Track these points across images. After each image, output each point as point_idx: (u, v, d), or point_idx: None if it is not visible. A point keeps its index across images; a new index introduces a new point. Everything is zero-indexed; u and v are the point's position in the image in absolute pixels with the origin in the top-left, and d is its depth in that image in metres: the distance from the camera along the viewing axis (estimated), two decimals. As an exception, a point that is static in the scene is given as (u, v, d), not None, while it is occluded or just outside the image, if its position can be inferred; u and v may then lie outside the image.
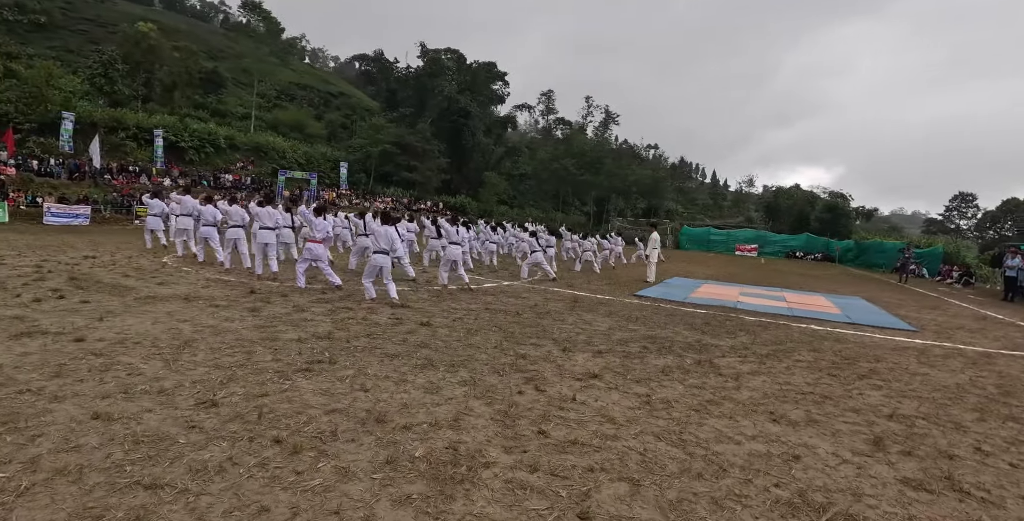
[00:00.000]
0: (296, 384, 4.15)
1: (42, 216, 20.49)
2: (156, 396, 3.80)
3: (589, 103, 64.36)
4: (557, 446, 3.22)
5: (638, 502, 2.63)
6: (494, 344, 5.77)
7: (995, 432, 4.12)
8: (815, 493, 2.90)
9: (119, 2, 59.62)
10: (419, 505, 2.47)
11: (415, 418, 3.55)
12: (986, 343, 8.22)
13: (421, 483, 2.67)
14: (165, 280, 9.01)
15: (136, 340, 5.20)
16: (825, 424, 4.04)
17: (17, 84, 27.80)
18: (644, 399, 4.27)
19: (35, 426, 3.16)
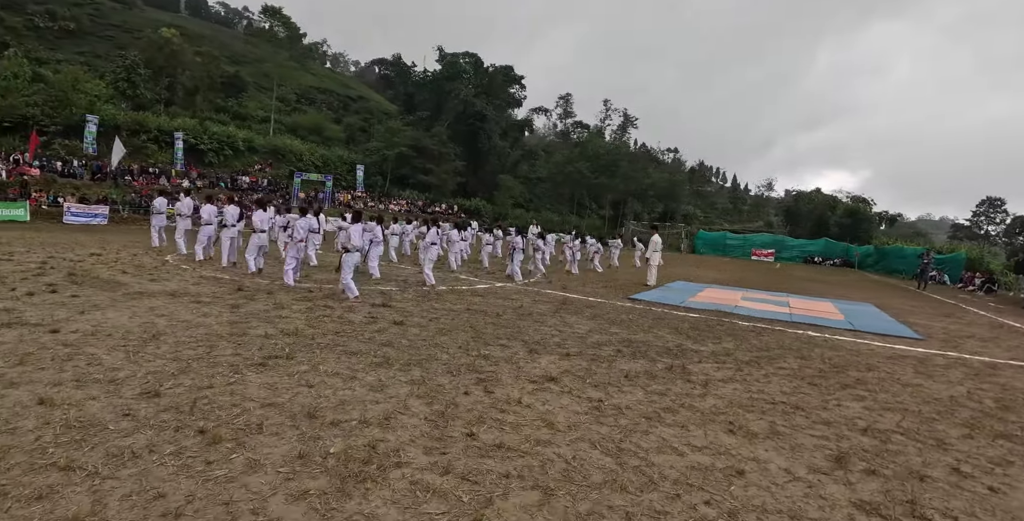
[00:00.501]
0: (245, 378, 4.20)
1: (62, 215, 21.18)
2: (105, 385, 3.89)
3: (607, 106, 64.24)
4: (481, 449, 3.17)
5: (543, 513, 2.52)
6: (460, 344, 5.76)
7: (981, 451, 3.83)
8: (748, 513, 2.68)
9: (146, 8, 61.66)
10: (313, 501, 2.47)
11: (348, 415, 3.56)
12: (996, 353, 7.91)
13: (324, 479, 2.68)
14: (159, 277, 9.22)
15: (108, 333, 5.33)
16: (788, 437, 3.83)
17: (44, 88, 28.86)
18: (595, 405, 4.17)
19: (-25, 410, 3.25)
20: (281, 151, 44.58)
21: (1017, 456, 3.78)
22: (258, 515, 2.34)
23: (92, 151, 28.85)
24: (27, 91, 27.91)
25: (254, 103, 52.27)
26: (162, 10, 64.68)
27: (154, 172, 32.10)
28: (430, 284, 10.12)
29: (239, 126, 44.74)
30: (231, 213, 10.72)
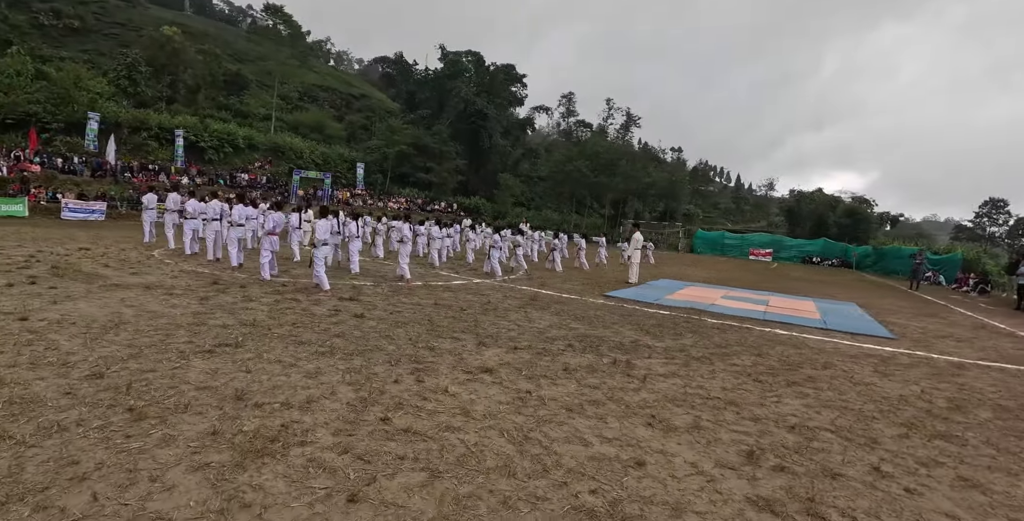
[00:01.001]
0: (189, 363, 4.44)
1: (60, 212, 21.60)
2: (57, 367, 4.14)
3: (610, 105, 64.35)
4: (388, 433, 3.34)
5: (423, 493, 2.65)
6: (412, 337, 5.98)
7: (911, 451, 3.80)
8: (631, 504, 2.72)
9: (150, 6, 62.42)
10: (209, 472, 2.69)
11: (274, 398, 3.78)
12: (967, 353, 7.94)
13: (227, 454, 2.90)
14: (141, 271, 9.51)
15: (73, 321, 5.59)
16: (708, 431, 3.86)
17: (47, 86, 29.38)
18: (521, 396, 4.30)
19: (-79, 388, 3.51)
20: (281, 149, 45.00)
21: (949, 457, 3.75)
22: (155, 482, 2.56)
23: (93, 148, 29.34)
24: (30, 88, 28.46)
25: (256, 101, 52.75)
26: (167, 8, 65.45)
27: (154, 169, 32.53)
28: (406, 279, 10.35)
29: (240, 124, 45.17)
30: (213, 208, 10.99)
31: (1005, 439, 4.22)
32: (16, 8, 43.72)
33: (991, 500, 3.14)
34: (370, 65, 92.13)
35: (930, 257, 26.83)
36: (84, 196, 23.66)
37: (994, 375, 6.61)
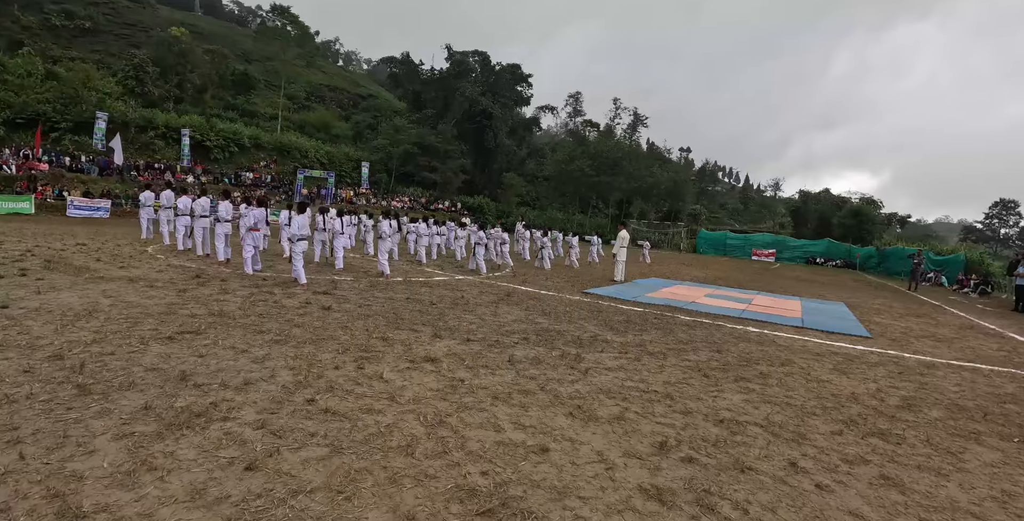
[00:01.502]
0: (147, 348, 4.76)
1: (66, 209, 22.21)
2: (23, 350, 4.46)
3: (617, 105, 64.36)
4: (308, 413, 3.58)
5: (319, 465, 2.86)
6: (370, 328, 6.25)
7: (840, 448, 3.79)
8: (518, 486, 2.81)
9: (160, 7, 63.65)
10: (131, 440, 2.99)
11: (215, 380, 4.07)
12: (943, 353, 7.95)
13: (153, 425, 3.19)
14: (129, 265, 9.89)
15: (51, 310, 5.94)
16: (631, 423, 3.91)
17: (56, 86, 30.17)
18: (454, 384, 4.48)
19: None
20: (287, 148, 45.65)
21: (878, 455, 3.73)
22: (80, 447, 2.86)
23: (101, 147, 30.06)
24: (39, 89, 29.27)
25: (263, 101, 53.55)
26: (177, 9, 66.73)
27: (160, 167, 33.20)
28: (385, 275, 10.64)
29: (247, 123, 45.90)
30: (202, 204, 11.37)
31: (948, 439, 4.20)
32: (29, 9, 44.89)
33: (907, 500, 3.11)
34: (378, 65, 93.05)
35: (932, 258, 26.63)
36: (90, 194, 24.27)
37: (964, 375, 6.56)
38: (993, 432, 4.45)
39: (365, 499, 2.54)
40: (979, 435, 4.35)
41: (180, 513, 2.32)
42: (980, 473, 3.59)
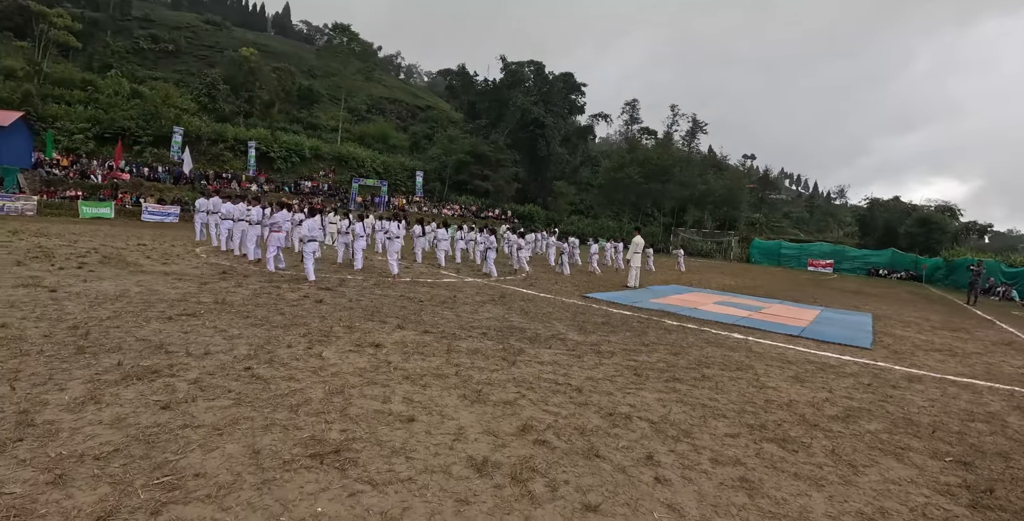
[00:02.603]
0: (148, 325, 5.83)
1: (141, 214, 25.01)
2: (52, 321, 5.63)
3: (675, 112, 63.56)
4: (238, 376, 4.38)
5: (217, 411, 3.58)
6: (344, 319, 7.11)
7: (719, 449, 3.82)
8: (362, 443, 3.30)
9: (235, 29, 69.81)
10: (94, 384, 3.93)
11: (183, 349, 5.02)
12: (945, 368, 7.62)
13: (116, 376, 4.15)
14: (171, 262, 11.39)
15: (87, 294, 7.22)
16: (515, 408, 4.22)
17: (140, 103, 34.00)
18: (379, 365, 5.05)
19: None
20: (345, 158, 48.54)
21: (760, 459, 3.72)
22: (56, 386, 3.84)
23: (177, 158, 33.50)
24: (125, 106, 33.18)
25: (326, 114, 57.26)
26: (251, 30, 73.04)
27: (227, 177, 36.37)
28: (393, 275, 11.58)
29: (309, 135, 49.31)
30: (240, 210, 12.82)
31: (863, 452, 4.06)
32: (120, 35, 50.85)
33: (749, 503, 3.08)
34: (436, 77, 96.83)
35: (1003, 270, 24.70)
36: (163, 201, 27.15)
37: (950, 390, 6.29)
38: (928, 449, 4.25)
39: (233, 436, 3.29)
40: (907, 451, 4.16)
41: (99, 430, 3.19)
42: (869, 488, 3.44)
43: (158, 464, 2.84)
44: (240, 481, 2.75)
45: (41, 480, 2.59)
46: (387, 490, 2.79)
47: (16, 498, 2.43)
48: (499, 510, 2.69)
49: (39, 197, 23.62)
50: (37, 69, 36.21)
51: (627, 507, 2.88)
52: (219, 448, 3.09)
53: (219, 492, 2.62)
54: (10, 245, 11.88)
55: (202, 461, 2.92)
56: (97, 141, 31.87)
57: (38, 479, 2.60)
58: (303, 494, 2.67)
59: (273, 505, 2.56)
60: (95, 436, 3.10)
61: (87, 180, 27.28)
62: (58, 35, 37.52)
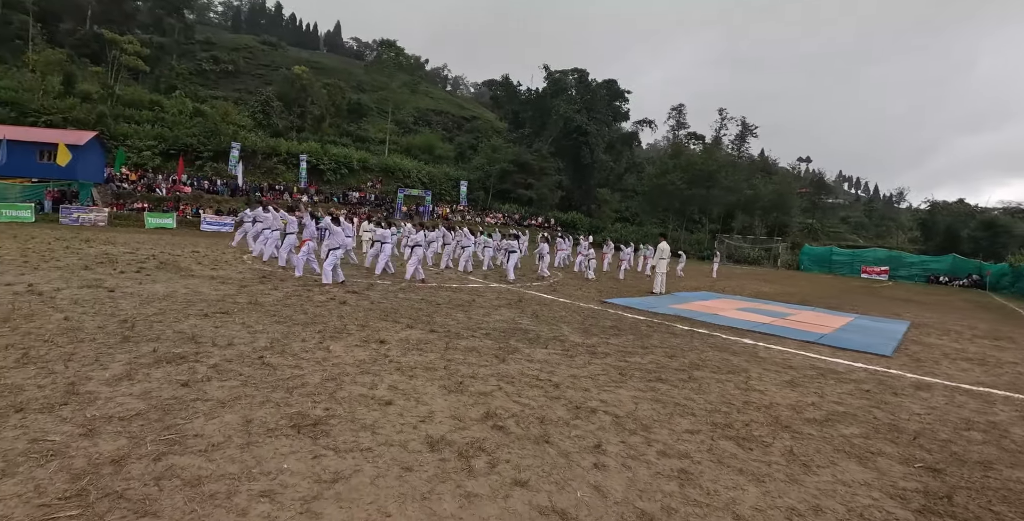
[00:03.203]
0: (187, 320, 6.66)
1: (200, 224, 27.00)
2: (106, 315, 6.54)
3: (723, 116, 62.44)
4: (251, 363, 5.06)
5: (227, 390, 4.30)
6: (359, 318, 7.77)
7: (673, 443, 4.01)
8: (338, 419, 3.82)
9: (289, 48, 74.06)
10: (131, 365, 4.69)
11: (211, 340, 5.78)
12: (966, 377, 7.42)
13: (150, 360, 4.89)
14: (219, 267, 12.50)
15: (140, 294, 8.21)
16: (488, 398, 4.64)
17: (201, 121, 36.74)
18: (378, 359, 5.60)
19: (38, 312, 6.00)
20: (391, 169, 50.41)
21: (709, 455, 3.87)
22: (102, 366, 4.60)
23: (234, 172, 35.92)
24: (188, 124, 35.98)
25: (374, 127, 59.67)
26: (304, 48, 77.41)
27: (280, 188, 38.56)
28: (418, 279, 12.27)
29: (358, 148, 51.56)
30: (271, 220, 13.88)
31: (825, 454, 4.13)
32: (184, 58, 55.10)
33: (677, 492, 3.26)
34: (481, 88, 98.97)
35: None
36: (220, 212, 29.18)
37: (959, 398, 6.16)
38: (901, 455, 4.25)
39: (233, 408, 3.92)
40: (876, 455, 4.19)
41: (128, 399, 3.90)
42: (814, 487, 3.50)
43: (168, 426, 3.50)
44: (229, 441, 3.35)
45: (76, 433, 3.28)
46: (346, 456, 3.32)
47: (55, 444, 3.12)
48: (436, 478, 3.15)
49: (110, 209, 26.02)
50: (110, 92, 39.81)
51: (555, 485, 3.18)
52: (219, 417, 3.72)
53: (209, 448, 3.24)
54: (81, 252, 13.36)
55: (203, 426, 3.55)
56: (162, 157, 34.71)
57: (74, 432, 3.29)
58: (276, 454, 3.25)
59: (249, 460, 3.14)
60: (123, 404, 3.80)
61: (152, 193, 29.77)
62: (128, 60, 41.14)
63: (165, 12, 57.96)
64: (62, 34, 52.91)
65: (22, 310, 6.48)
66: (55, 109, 35.17)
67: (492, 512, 2.82)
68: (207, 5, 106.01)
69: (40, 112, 34.70)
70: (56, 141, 25.99)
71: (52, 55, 40.44)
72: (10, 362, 4.52)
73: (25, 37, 48.00)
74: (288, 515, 2.62)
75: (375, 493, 2.91)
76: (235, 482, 2.88)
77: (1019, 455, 4.47)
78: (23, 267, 10.16)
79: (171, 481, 2.83)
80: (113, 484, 2.75)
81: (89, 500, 2.59)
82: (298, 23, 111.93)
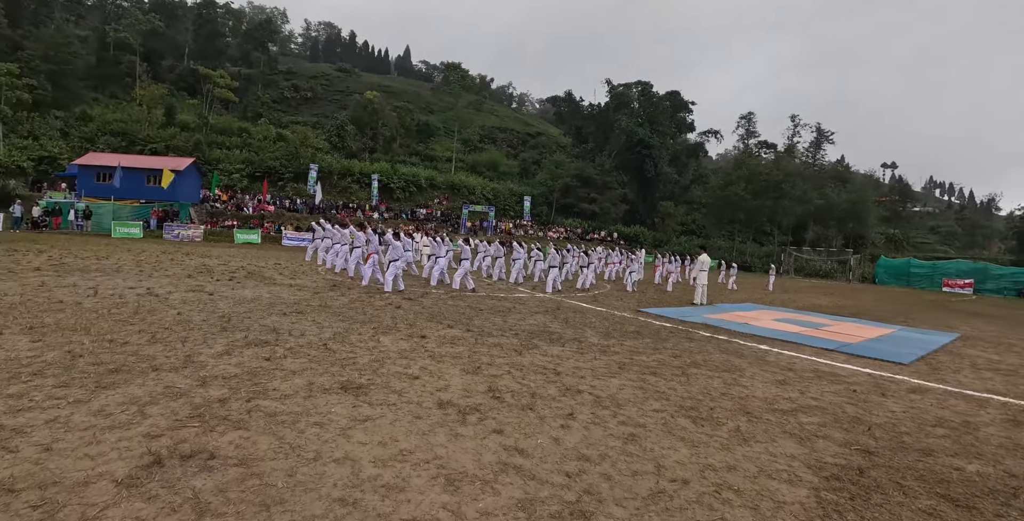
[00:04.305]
0: (268, 317, 8.31)
1: (281, 239, 29.99)
2: (208, 312, 8.28)
3: (795, 122, 60.57)
4: (317, 348, 6.54)
5: (299, 362, 5.79)
6: (409, 319, 9.17)
7: (634, 416, 4.82)
8: (374, 384, 5.18)
9: (363, 74, 79.54)
10: (228, 346, 6.24)
11: (287, 331, 7.33)
12: (977, 385, 7.49)
13: (242, 343, 6.45)
14: (297, 277, 14.46)
15: (233, 297, 10.05)
16: (497, 379, 5.70)
17: (283, 145, 40.64)
18: (416, 348, 6.92)
19: (137, 307, 7.83)
20: (457, 186, 52.88)
21: (660, 425, 4.69)
22: (207, 345, 6.18)
23: (312, 192, 39.36)
24: (271, 149, 39.94)
25: (441, 146, 62.77)
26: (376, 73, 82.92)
27: (353, 206, 41.63)
28: (469, 288, 13.65)
29: (426, 166, 54.55)
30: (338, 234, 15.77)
31: (769, 434, 4.71)
32: (269, 87, 60.89)
33: (620, 447, 4.07)
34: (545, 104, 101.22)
35: None
36: (299, 228, 32.19)
37: (949, 402, 6.41)
38: (845, 440, 4.73)
39: (302, 376, 5.33)
40: (819, 438, 4.71)
41: (228, 367, 5.40)
42: (740, 455, 4.18)
43: (255, 383, 4.94)
44: (296, 394, 4.74)
45: (194, 384, 4.78)
46: (376, 407, 4.61)
47: (180, 389, 4.61)
48: (437, 425, 4.35)
49: (204, 226, 29.57)
50: (205, 121, 44.90)
51: (523, 435, 4.22)
52: (290, 380, 5.14)
53: (282, 397, 4.63)
54: (183, 263, 15.81)
55: (279, 384, 4.97)
56: (249, 179, 38.79)
57: (192, 383, 4.79)
58: (327, 403, 4.59)
59: (308, 405, 4.50)
60: (225, 369, 5.31)
61: (240, 212, 33.36)
62: (220, 93, 46.26)
63: (252, 47, 64.47)
64: (163, 70, 60.11)
65: (145, 307, 8.37)
66: (158, 138, 40.30)
67: (470, 446, 3.99)
68: (288, 37, 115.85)
69: (146, 141, 39.90)
70: (161, 167, 29.95)
71: (156, 90, 46.24)
72: (144, 341, 6.21)
73: (133, 75, 54.99)
74: (331, 435, 3.92)
75: (390, 428, 4.16)
76: (297, 416, 4.23)
77: (972, 448, 4.81)
78: (140, 275, 12.44)
79: (256, 413, 4.23)
80: (219, 412, 4.18)
81: (204, 419, 4.02)
82: (371, 50, 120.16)
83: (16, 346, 5.62)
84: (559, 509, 3.13)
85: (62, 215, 27.75)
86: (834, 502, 3.54)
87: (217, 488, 3.03)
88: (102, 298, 8.93)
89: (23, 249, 16.63)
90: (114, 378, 4.81)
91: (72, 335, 6.27)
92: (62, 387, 4.49)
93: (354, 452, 3.67)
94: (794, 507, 3.44)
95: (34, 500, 2.79)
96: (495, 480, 3.44)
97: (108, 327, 6.80)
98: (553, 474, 3.60)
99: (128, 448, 3.45)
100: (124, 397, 4.36)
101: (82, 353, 5.53)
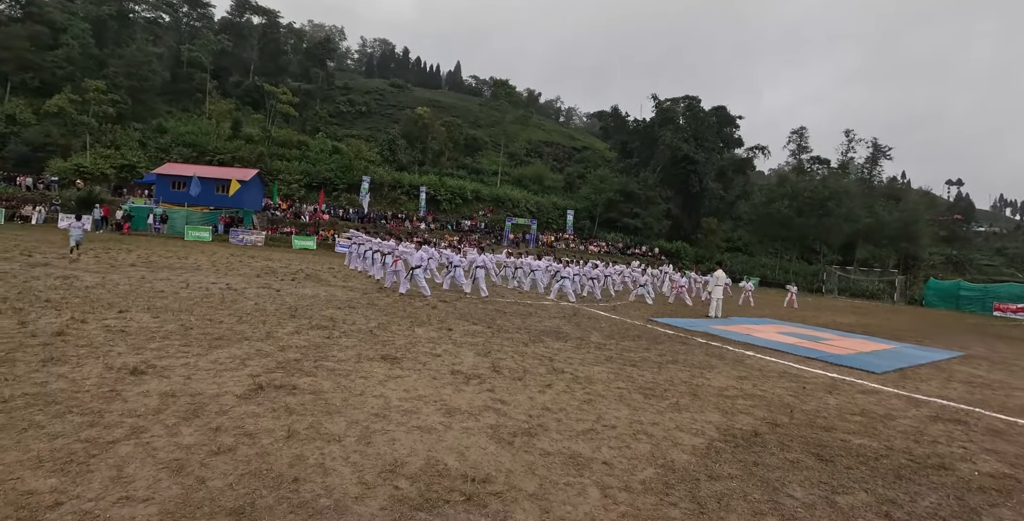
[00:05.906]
0: (326, 310, 10.31)
1: (334, 246, 32.72)
2: (279, 304, 10.35)
3: (850, 137, 59.78)
4: (362, 334, 8.44)
5: (348, 342, 7.69)
6: (440, 317, 10.99)
7: (596, 389, 6.33)
8: (401, 357, 7.37)
9: (415, 89, 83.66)
10: (293, 329, 8.23)
11: (342, 321, 9.26)
12: (936, 393, 8.07)
13: (306, 327, 8.42)
14: (349, 280, 16.64)
15: (297, 294, 12.16)
16: (502, 360, 7.26)
17: (338, 158, 43.91)
18: (442, 336, 8.79)
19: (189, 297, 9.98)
20: (502, 199, 55.01)
21: (615, 396, 6.02)
22: (268, 326, 8.18)
23: (362, 202, 42.32)
24: (327, 161, 43.26)
25: (488, 159, 65.33)
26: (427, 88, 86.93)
27: (401, 217, 44.31)
28: (485, 295, 15.45)
29: (472, 179, 57.05)
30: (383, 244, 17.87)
31: (702, 407, 5.95)
32: (326, 102, 65.23)
33: (575, 408, 6.18)
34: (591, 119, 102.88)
35: None
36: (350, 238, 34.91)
37: (892, 402, 7.09)
38: (764, 417, 5.81)
39: (352, 350, 7.20)
40: (741, 413, 5.85)
41: (298, 341, 7.34)
42: (668, 418, 5.42)
43: (319, 352, 6.84)
44: (348, 361, 6.60)
45: (275, 350, 6.72)
46: (406, 371, 6.40)
47: (265, 352, 6.55)
48: (447, 384, 6.08)
49: (266, 232, 32.69)
50: (267, 134, 48.94)
51: (507, 393, 5.83)
52: (345, 352, 7.02)
53: (339, 362, 6.50)
54: (250, 265, 18.32)
55: (336, 354, 6.85)
56: (307, 189, 42.19)
57: (274, 349, 6.74)
58: (371, 367, 6.42)
59: (357, 367, 6.35)
60: (296, 343, 7.25)
61: (298, 219, 36.48)
62: (282, 107, 50.29)
63: (311, 63, 69.34)
64: (231, 86, 65.46)
65: (228, 298, 10.55)
66: (225, 149, 44.40)
67: (467, 396, 5.70)
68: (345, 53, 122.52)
69: (215, 152, 44.05)
70: (229, 177, 33.36)
71: (224, 105, 50.80)
72: (233, 321, 8.27)
73: (204, 90, 60.29)
74: (371, 384, 5.74)
75: (413, 383, 5.94)
76: (349, 372, 6.08)
77: (874, 431, 5.67)
78: (216, 273, 14.85)
79: (321, 368, 6.10)
80: (296, 367, 6.08)
81: (287, 369, 5.92)
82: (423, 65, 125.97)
83: (143, 320, 7.76)
84: (515, 431, 4.80)
85: (132, 219, 31.42)
86: (719, 447, 5.02)
87: (299, 403, 4.88)
88: (193, 290, 11.21)
89: (115, 248, 19.62)
90: (219, 343, 6.83)
91: (180, 315, 8.41)
92: (185, 347, 6.51)
93: (386, 393, 5.47)
94: (686, 446, 4.94)
95: (188, 401, 4.69)
96: (479, 414, 5.15)
97: (204, 311, 8.94)
98: (520, 415, 5.27)
99: (239, 381, 5.37)
100: (229, 355, 6.33)
101: (191, 326, 7.62)
